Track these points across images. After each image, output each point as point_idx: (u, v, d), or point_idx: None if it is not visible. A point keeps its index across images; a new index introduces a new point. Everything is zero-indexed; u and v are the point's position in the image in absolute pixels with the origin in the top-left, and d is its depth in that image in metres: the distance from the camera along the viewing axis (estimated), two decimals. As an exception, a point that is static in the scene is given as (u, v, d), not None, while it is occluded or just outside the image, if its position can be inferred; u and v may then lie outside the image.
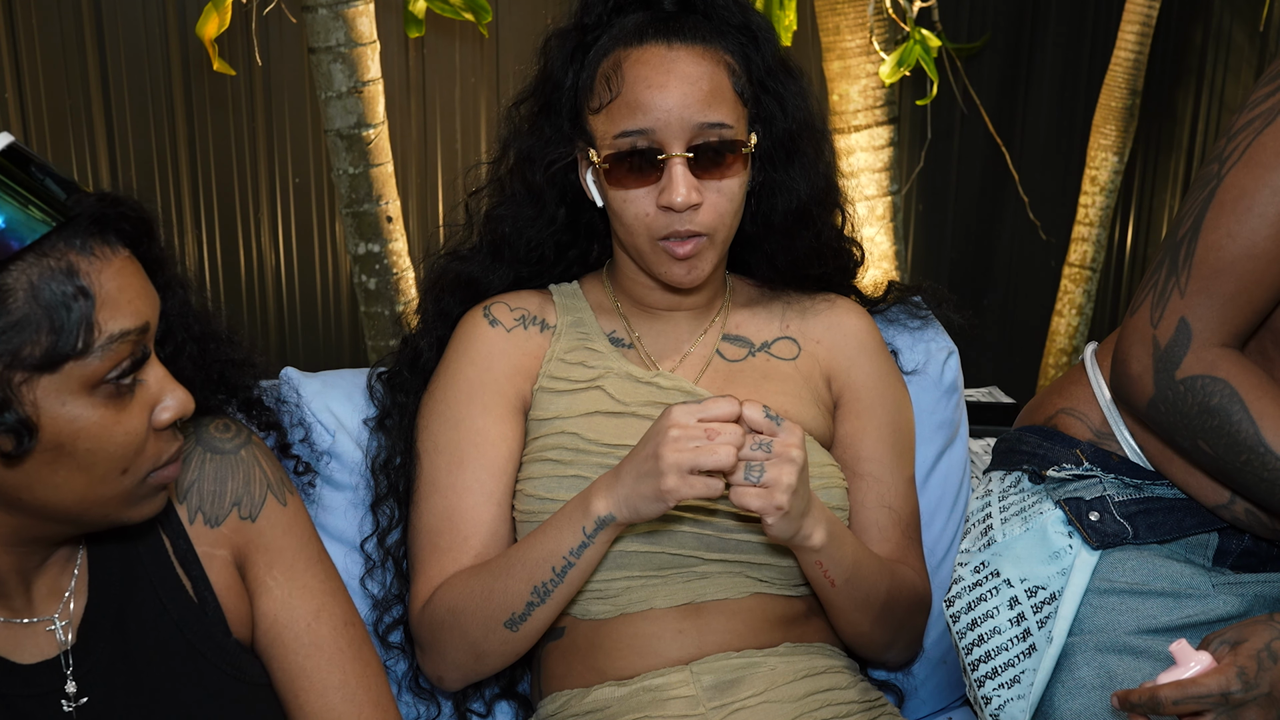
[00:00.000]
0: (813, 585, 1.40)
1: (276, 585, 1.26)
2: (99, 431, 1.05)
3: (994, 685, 1.37)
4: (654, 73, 1.34)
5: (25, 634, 1.18)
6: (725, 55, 1.38)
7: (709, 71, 1.35)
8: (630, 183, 1.36)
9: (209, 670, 1.21)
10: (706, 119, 1.34)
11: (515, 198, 1.48)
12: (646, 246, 1.39)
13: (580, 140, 1.41)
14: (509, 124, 1.49)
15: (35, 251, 1.01)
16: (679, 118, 1.33)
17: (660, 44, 1.35)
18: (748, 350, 1.51)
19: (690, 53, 1.35)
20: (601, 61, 1.38)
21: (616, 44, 1.37)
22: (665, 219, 1.36)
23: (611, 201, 1.39)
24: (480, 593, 1.34)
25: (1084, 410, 1.45)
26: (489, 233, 1.52)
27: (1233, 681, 1.13)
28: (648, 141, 1.34)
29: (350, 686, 1.26)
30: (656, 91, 1.33)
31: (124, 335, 1.05)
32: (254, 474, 1.28)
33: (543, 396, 1.46)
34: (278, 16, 3.02)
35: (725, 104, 1.36)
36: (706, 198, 1.35)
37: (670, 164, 1.34)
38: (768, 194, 1.47)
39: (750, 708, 1.35)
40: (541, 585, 1.32)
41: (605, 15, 1.40)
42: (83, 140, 3.18)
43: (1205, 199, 1.26)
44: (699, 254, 1.38)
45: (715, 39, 1.37)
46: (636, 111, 1.34)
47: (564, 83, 1.41)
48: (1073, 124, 3.63)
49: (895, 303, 1.66)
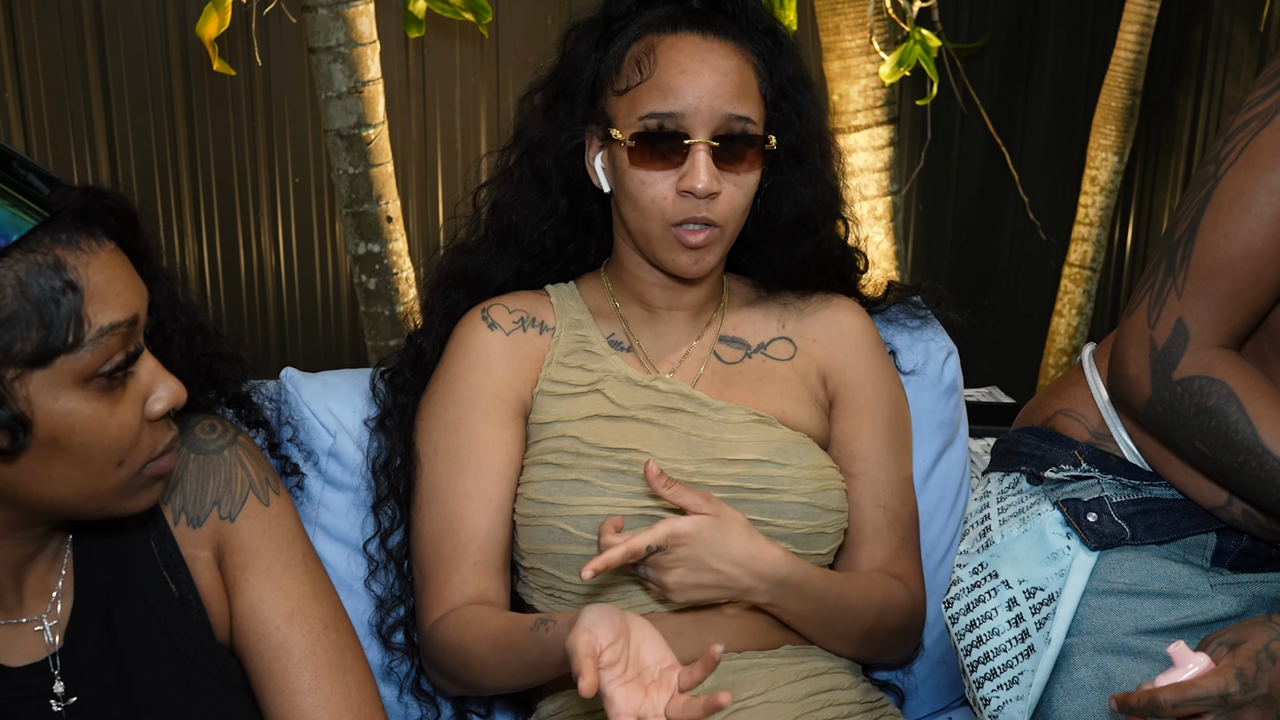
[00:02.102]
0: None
1: (249, 587, 1.25)
2: (93, 425, 1.05)
3: (993, 686, 1.37)
4: (688, 59, 1.36)
5: (13, 635, 1.18)
6: (752, 55, 1.40)
7: (739, 66, 1.37)
8: (652, 164, 1.37)
9: (194, 672, 1.21)
10: (734, 110, 1.36)
11: (522, 184, 1.49)
12: (659, 231, 1.39)
13: (593, 123, 1.42)
14: (520, 113, 1.51)
15: (21, 248, 1.01)
16: (709, 105, 1.35)
17: (695, 34, 1.38)
18: (744, 352, 1.51)
19: (723, 46, 1.38)
20: (632, 45, 1.39)
21: (648, 30, 1.39)
22: (683, 204, 1.36)
23: (628, 184, 1.39)
24: (477, 654, 1.34)
25: (1082, 411, 1.45)
26: (495, 222, 1.52)
27: (1231, 683, 1.13)
28: (675, 125, 1.35)
29: (323, 692, 1.23)
30: (690, 77, 1.35)
31: (114, 328, 1.04)
32: (236, 474, 1.27)
33: (542, 400, 1.46)
34: (278, 16, 3.02)
35: (752, 100, 1.38)
36: (724, 189, 1.37)
37: (694, 150, 1.35)
38: (773, 198, 1.48)
39: (751, 708, 1.35)
40: (527, 678, 1.32)
41: (633, 7, 1.42)
42: (83, 140, 3.18)
43: (1202, 200, 1.26)
44: (709, 245, 1.39)
45: (743, 39, 1.40)
46: (668, 94, 1.35)
47: (584, 69, 1.43)
48: (1073, 124, 3.63)
49: (895, 303, 1.66)
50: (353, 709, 1.24)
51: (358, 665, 1.27)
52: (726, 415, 1.44)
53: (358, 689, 1.25)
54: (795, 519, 1.39)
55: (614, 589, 1.39)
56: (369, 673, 1.29)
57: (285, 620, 1.24)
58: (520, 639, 1.29)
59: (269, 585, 1.25)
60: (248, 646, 1.24)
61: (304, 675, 1.23)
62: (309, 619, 1.25)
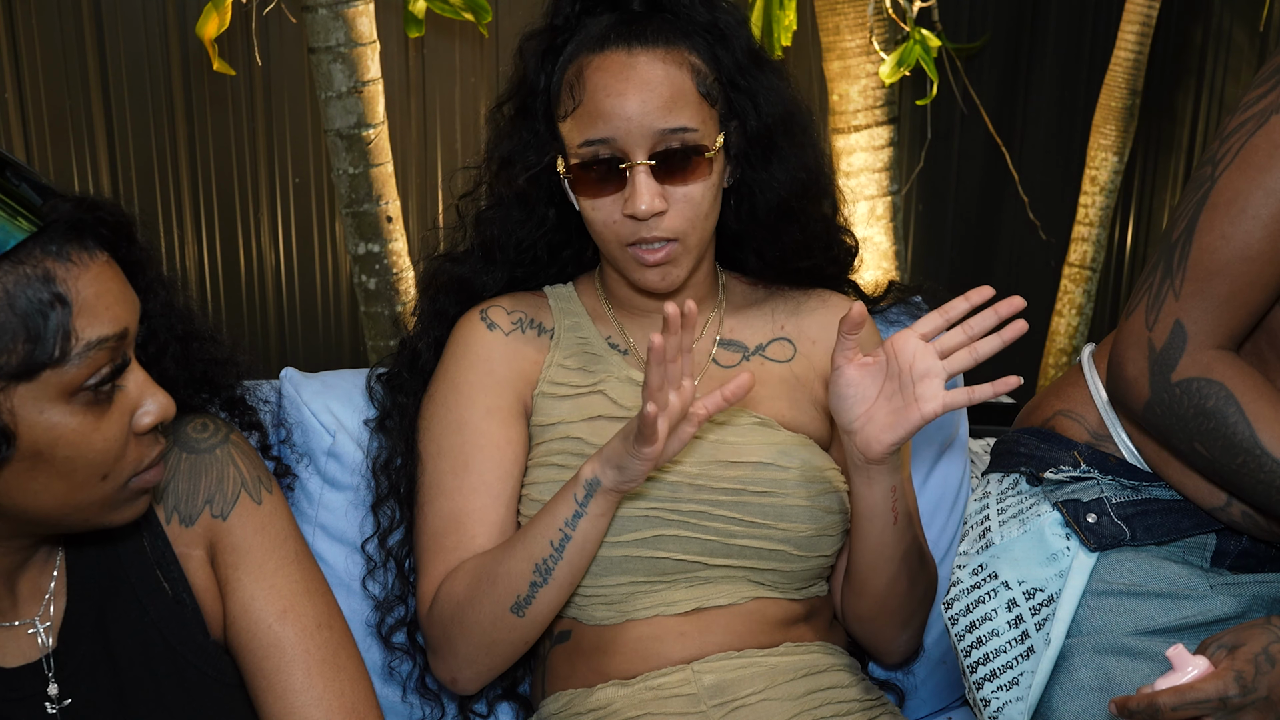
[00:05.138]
0: (867, 537, 1.38)
1: (241, 585, 1.25)
2: (77, 439, 1.04)
3: (993, 687, 1.37)
4: (613, 80, 1.33)
5: (7, 637, 1.17)
6: (690, 56, 1.36)
7: (669, 75, 1.34)
8: (595, 191, 1.36)
9: (189, 671, 1.21)
10: (668, 124, 1.33)
11: (502, 200, 1.48)
12: (618, 253, 1.39)
13: (555, 144, 1.41)
14: (493, 126, 1.49)
15: (11, 259, 1.00)
16: (639, 125, 1.32)
17: (621, 50, 1.34)
18: (742, 355, 1.50)
19: (651, 56, 1.34)
20: (567, 68, 1.37)
21: (580, 51, 1.37)
22: (631, 226, 1.35)
23: (582, 209, 1.39)
24: (485, 580, 1.34)
25: (1081, 412, 1.45)
26: (479, 235, 1.51)
27: (1230, 686, 1.13)
28: (610, 150, 1.33)
29: (315, 690, 1.23)
30: (616, 99, 1.32)
31: (102, 342, 1.03)
32: (228, 472, 1.27)
33: (543, 401, 1.46)
34: (278, 16, 3.02)
35: (688, 107, 1.34)
36: (672, 204, 1.35)
37: (633, 172, 1.33)
38: (748, 191, 1.46)
39: (751, 705, 1.35)
40: (543, 563, 1.31)
41: (574, 16, 1.39)
42: (83, 140, 3.18)
43: (1199, 201, 1.26)
44: (673, 259, 1.37)
45: (680, 40, 1.36)
46: (598, 120, 1.33)
47: (537, 86, 1.41)
48: (1073, 124, 3.63)
49: (895, 303, 1.66)
50: (345, 707, 1.24)
51: (351, 663, 1.27)
52: (727, 418, 1.43)
53: (351, 687, 1.25)
54: (798, 522, 1.39)
55: (615, 589, 1.39)
56: (363, 671, 1.29)
57: (278, 618, 1.24)
58: (522, 530, 1.34)
59: (261, 583, 1.25)
60: (241, 645, 1.24)
61: (296, 673, 1.23)
62: (302, 617, 1.25)
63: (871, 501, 1.36)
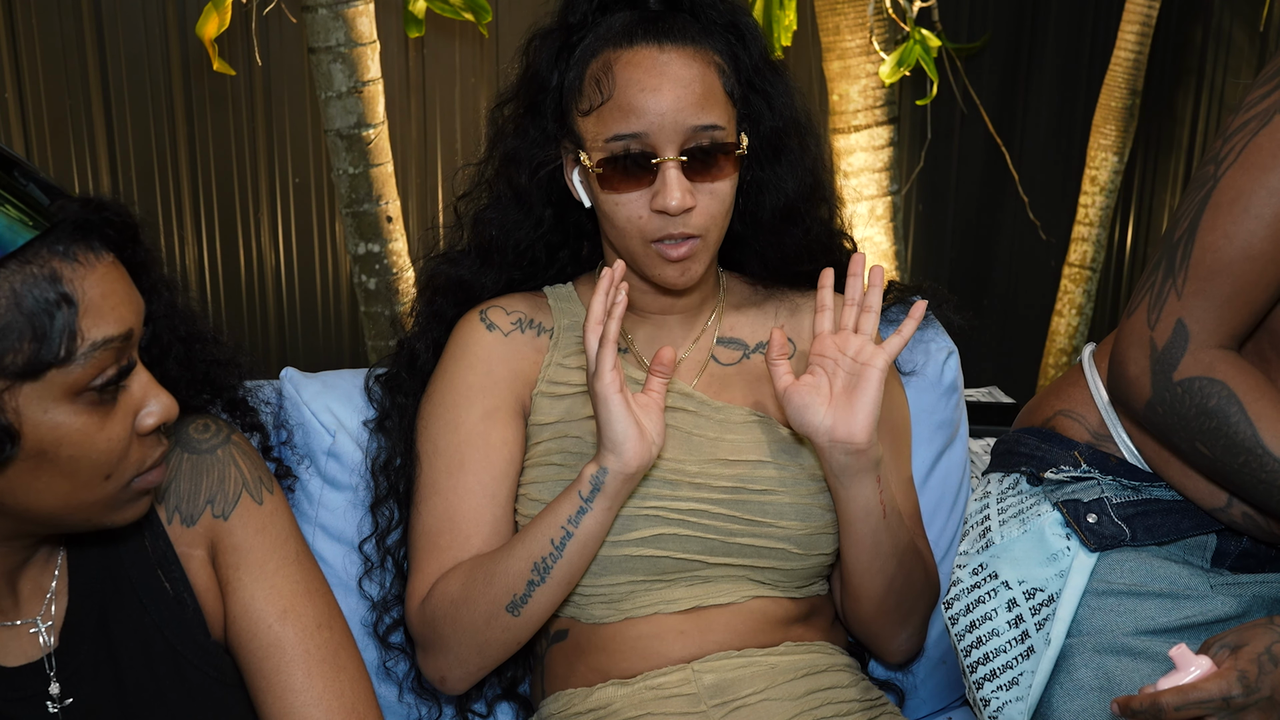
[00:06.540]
0: (862, 540, 1.38)
1: (241, 585, 1.25)
2: (81, 439, 1.04)
3: (993, 687, 1.37)
4: (646, 75, 1.33)
5: (9, 637, 1.18)
6: (714, 55, 1.37)
7: (701, 73, 1.34)
8: (623, 186, 1.35)
9: (190, 671, 1.21)
10: (700, 122, 1.33)
11: (501, 201, 1.48)
12: (639, 249, 1.38)
13: (567, 141, 1.40)
14: (493, 125, 1.49)
15: (18, 258, 1.00)
16: (672, 121, 1.32)
17: (651, 45, 1.34)
18: (742, 353, 1.50)
19: (681, 54, 1.34)
20: (590, 62, 1.37)
21: (605, 44, 1.36)
22: (659, 222, 1.35)
23: (603, 204, 1.38)
24: (481, 578, 1.34)
25: (1082, 412, 1.45)
26: (477, 236, 1.51)
27: (1233, 686, 1.13)
28: (641, 145, 1.33)
29: (315, 690, 1.23)
30: (650, 95, 1.32)
31: (107, 342, 1.04)
32: (229, 472, 1.27)
33: (542, 401, 1.46)
34: (278, 16, 3.02)
35: (717, 106, 1.35)
36: (699, 200, 1.35)
37: (664, 167, 1.33)
38: (755, 192, 1.46)
39: (750, 705, 1.35)
40: (541, 561, 1.32)
41: (590, 14, 1.38)
42: (83, 140, 3.18)
43: (1201, 200, 1.26)
44: (693, 256, 1.37)
45: (704, 39, 1.36)
46: (630, 115, 1.33)
47: (549, 83, 1.40)
48: (1073, 124, 3.63)
49: (895, 303, 1.66)
50: (345, 707, 1.24)
51: (351, 663, 1.27)
52: (727, 415, 1.43)
53: (351, 687, 1.26)
54: (796, 520, 1.39)
55: (614, 588, 1.39)
56: (363, 671, 1.29)
57: (278, 618, 1.25)
58: (523, 530, 1.35)
59: (262, 583, 1.25)
60: (241, 644, 1.24)
61: (296, 673, 1.23)
62: (302, 617, 1.26)
63: (860, 502, 1.36)
